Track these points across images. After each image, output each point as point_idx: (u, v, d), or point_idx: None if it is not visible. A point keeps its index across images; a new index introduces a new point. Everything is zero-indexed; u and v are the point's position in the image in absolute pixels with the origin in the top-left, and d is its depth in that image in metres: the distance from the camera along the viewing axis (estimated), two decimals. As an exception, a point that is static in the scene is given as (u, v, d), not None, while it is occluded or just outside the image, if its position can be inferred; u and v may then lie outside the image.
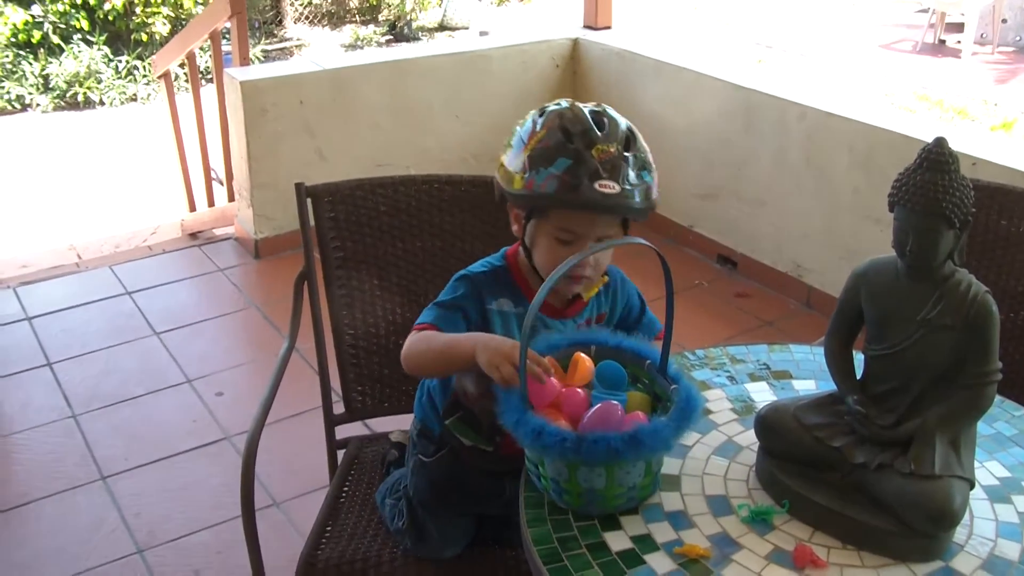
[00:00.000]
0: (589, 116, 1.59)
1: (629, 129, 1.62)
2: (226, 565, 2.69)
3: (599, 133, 1.57)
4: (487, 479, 1.75)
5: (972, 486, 1.40)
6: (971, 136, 3.67)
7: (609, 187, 1.54)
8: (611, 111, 1.63)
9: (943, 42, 11.30)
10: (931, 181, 1.34)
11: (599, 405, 1.44)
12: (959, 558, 1.37)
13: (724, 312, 4.07)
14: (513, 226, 1.72)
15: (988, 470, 1.56)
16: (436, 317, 1.66)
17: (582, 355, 1.52)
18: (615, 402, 1.45)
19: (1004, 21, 11.09)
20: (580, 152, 1.55)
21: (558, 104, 1.64)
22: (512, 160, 1.62)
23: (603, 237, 1.62)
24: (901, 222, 1.38)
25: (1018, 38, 11.24)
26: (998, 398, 1.70)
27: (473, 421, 1.68)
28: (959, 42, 10.90)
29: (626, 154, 1.57)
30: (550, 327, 1.69)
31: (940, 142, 1.36)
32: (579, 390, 1.47)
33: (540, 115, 1.63)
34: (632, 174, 1.57)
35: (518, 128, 1.65)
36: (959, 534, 1.40)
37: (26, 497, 2.97)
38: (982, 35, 10.95)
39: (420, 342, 1.63)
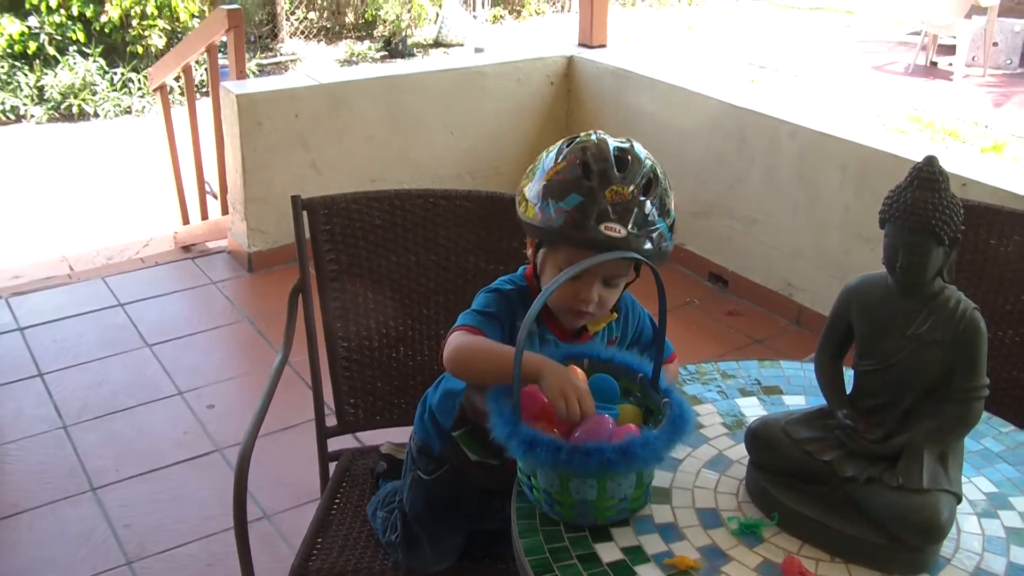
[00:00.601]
0: (613, 153, 1.56)
1: (653, 171, 1.58)
2: (216, 577, 2.69)
3: (617, 173, 1.54)
4: (484, 496, 1.75)
5: (959, 500, 1.41)
6: (962, 157, 3.71)
7: (615, 230, 1.51)
8: (639, 149, 1.60)
9: (935, 64, 11.39)
10: (921, 198, 1.36)
11: (591, 418, 1.44)
12: (946, 571, 1.38)
13: (715, 330, 4.09)
14: (528, 249, 1.70)
15: (975, 485, 1.58)
16: (480, 323, 1.62)
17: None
18: (607, 416, 1.46)
19: (995, 44, 11.17)
20: (593, 191, 1.52)
21: (588, 135, 1.60)
22: (531, 187, 1.60)
23: (609, 276, 1.60)
24: (891, 238, 1.39)
25: (1009, 61, 11.32)
26: (986, 415, 1.72)
27: (480, 436, 1.67)
28: (951, 64, 10.99)
29: (641, 198, 1.54)
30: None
31: (931, 160, 1.38)
32: (607, 417, 1.48)
33: (567, 144, 1.60)
34: (645, 219, 1.53)
35: (544, 155, 1.63)
36: (946, 548, 1.41)
37: (16, 508, 2.97)
38: (973, 58, 11.04)
39: (477, 343, 1.57)
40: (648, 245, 1.54)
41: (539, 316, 1.64)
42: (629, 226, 1.51)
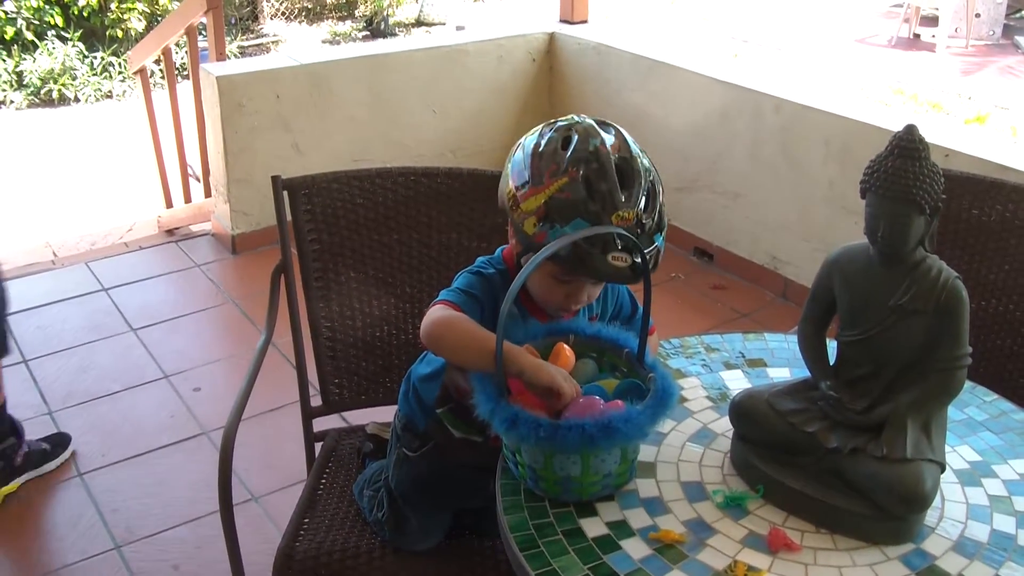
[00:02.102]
0: (615, 164, 1.51)
1: (651, 182, 1.54)
2: (204, 560, 2.69)
3: (621, 197, 1.49)
4: (471, 474, 1.75)
5: (943, 469, 1.42)
6: (945, 128, 3.71)
7: (621, 260, 1.47)
8: (634, 148, 1.55)
9: (918, 36, 11.39)
10: (902, 168, 1.36)
11: (582, 399, 1.44)
12: (930, 540, 1.39)
13: (701, 304, 4.09)
14: (511, 240, 1.66)
15: (959, 454, 1.58)
16: (463, 302, 1.60)
17: (564, 345, 1.52)
18: (597, 397, 1.46)
19: (978, 15, 11.17)
20: (599, 216, 1.48)
21: (586, 140, 1.52)
22: (523, 185, 1.53)
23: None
24: (872, 208, 1.39)
25: (991, 32, 11.32)
26: (969, 384, 1.73)
27: (463, 413, 1.67)
28: (934, 36, 10.99)
29: (646, 221, 1.50)
30: None
31: (910, 129, 1.38)
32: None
33: (563, 147, 1.52)
34: (647, 241, 1.50)
35: (535, 141, 1.56)
36: (930, 517, 1.42)
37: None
38: (956, 29, 11.04)
39: (457, 320, 1.55)
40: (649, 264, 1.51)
41: (518, 300, 1.62)
42: (633, 254, 1.48)
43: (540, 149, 1.54)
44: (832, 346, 1.54)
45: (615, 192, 1.49)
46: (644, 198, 1.52)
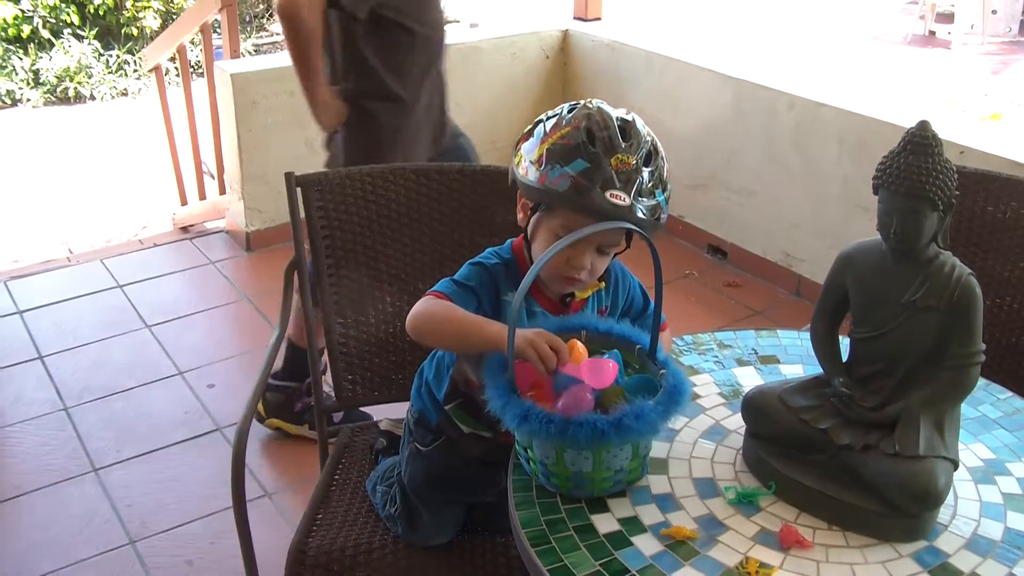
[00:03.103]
0: (616, 123, 1.56)
1: (653, 144, 1.58)
2: (218, 555, 2.70)
3: (622, 143, 1.54)
4: (482, 468, 1.76)
5: (956, 467, 1.41)
6: (960, 125, 3.69)
7: (620, 198, 1.51)
8: (639, 123, 1.59)
9: (933, 33, 11.34)
10: (914, 164, 1.35)
11: (571, 388, 1.44)
12: (943, 538, 1.38)
13: (714, 302, 4.08)
14: (519, 214, 1.69)
15: (973, 452, 1.58)
16: (453, 292, 1.63)
17: (576, 341, 1.52)
18: (586, 384, 1.45)
19: (994, 12, 11.12)
20: (599, 157, 1.52)
21: (590, 103, 1.60)
22: (530, 148, 1.59)
23: (604, 245, 1.60)
24: (885, 204, 1.39)
25: (1008, 29, 11.27)
26: (983, 381, 1.73)
27: (472, 408, 1.69)
28: (949, 33, 10.95)
29: (644, 169, 1.54)
30: None
31: (923, 125, 1.37)
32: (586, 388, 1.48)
33: (570, 111, 1.59)
34: (646, 189, 1.54)
35: (544, 117, 1.62)
36: (943, 514, 1.41)
37: (19, 489, 2.97)
38: (972, 26, 10.99)
39: (439, 309, 1.59)
40: (647, 215, 1.54)
41: (533, 290, 1.64)
42: (632, 195, 1.52)
43: (551, 117, 1.61)
44: (845, 343, 1.54)
45: (615, 137, 1.53)
46: (645, 152, 1.56)
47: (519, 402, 1.38)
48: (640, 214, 1.53)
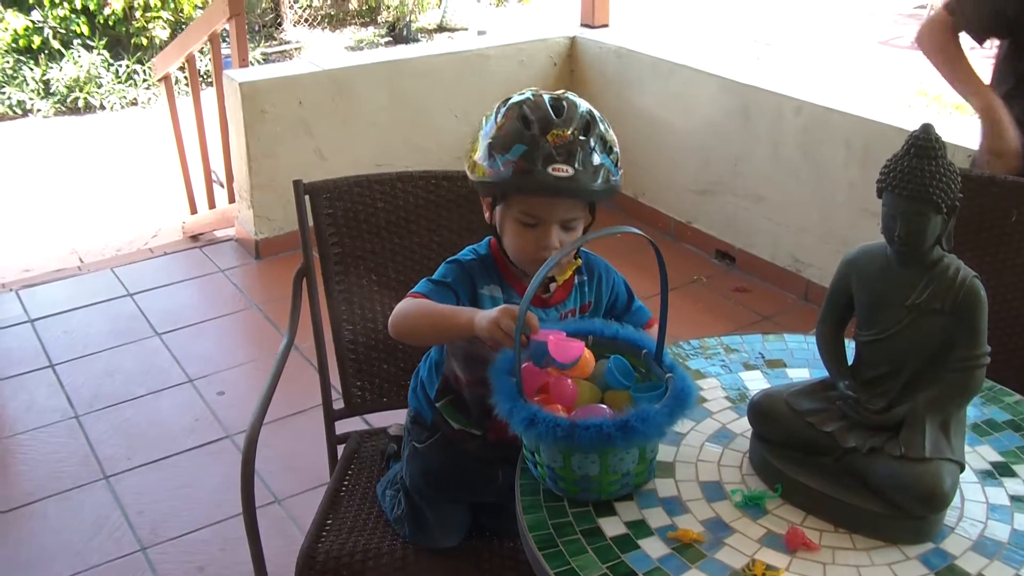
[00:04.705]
0: (548, 103, 1.62)
1: (590, 113, 1.64)
2: (228, 561, 2.71)
3: (555, 118, 1.60)
4: (478, 465, 1.78)
5: (962, 468, 1.42)
6: (967, 130, 3.67)
7: (563, 171, 1.56)
8: (572, 96, 1.66)
9: (942, 38, 11.30)
10: (918, 167, 1.36)
11: (590, 407, 1.46)
12: (950, 540, 1.38)
13: (722, 307, 4.09)
14: (485, 213, 1.76)
15: (980, 454, 1.58)
16: (430, 290, 1.70)
17: (585, 348, 1.53)
18: (602, 406, 1.47)
19: (1003, 16, 11.08)
20: (535, 138, 1.58)
21: (521, 94, 1.67)
22: (479, 151, 1.67)
23: (566, 220, 1.65)
24: (889, 208, 1.40)
25: (1017, 33, 11.23)
26: (990, 383, 1.73)
27: (462, 405, 1.72)
28: (958, 38, 10.90)
29: (582, 138, 1.59)
30: None
31: (927, 128, 1.38)
32: (569, 381, 1.49)
33: (503, 105, 1.67)
34: (590, 157, 1.59)
35: (484, 120, 1.69)
36: (950, 516, 1.41)
37: (30, 497, 2.99)
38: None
39: (414, 307, 1.67)
40: (597, 183, 1.60)
41: (503, 281, 1.73)
42: (576, 165, 1.57)
43: (489, 118, 1.68)
44: (850, 346, 1.55)
45: (548, 115, 1.59)
46: (582, 122, 1.61)
47: (526, 406, 1.39)
48: (587, 182, 1.58)
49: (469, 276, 1.72)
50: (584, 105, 1.65)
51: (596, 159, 1.60)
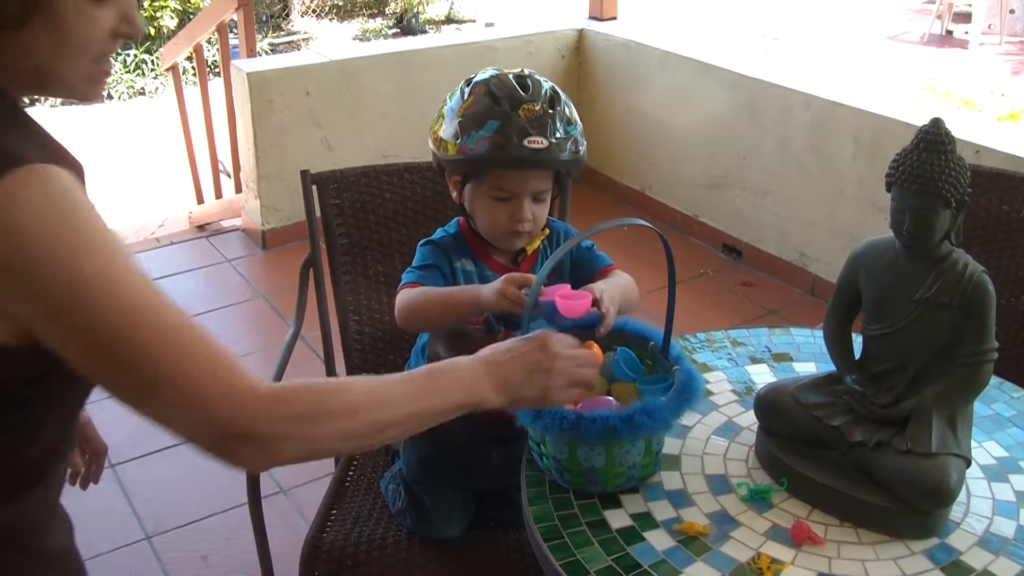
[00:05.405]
0: (513, 80, 1.66)
1: (553, 89, 1.69)
2: (233, 550, 2.72)
3: (524, 94, 1.64)
4: (471, 449, 1.79)
5: (968, 464, 1.42)
6: (976, 125, 3.68)
7: (538, 142, 1.61)
8: (535, 75, 1.71)
9: (950, 33, 11.28)
10: (927, 161, 1.36)
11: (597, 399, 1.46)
12: (955, 535, 1.39)
13: (729, 301, 4.08)
14: (453, 193, 1.78)
15: (986, 450, 1.58)
16: (419, 277, 1.73)
17: (593, 343, 1.53)
18: (609, 398, 1.48)
19: (1012, 11, 11.06)
20: (507, 113, 1.62)
21: (484, 72, 1.71)
22: (445, 129, 1.70)
23: (537, 192, 1.69)
24: (898, 202, 1.39)
25: (1026, 28, 11.21)
26: (997, 379, 1.73)
27: None
28: (967, 33, 10.89)
29: (551, 111, 1.63)
30: None
31: (936, 123, 1.38)
32: None
33: (467, 85, 1.70)
34: (559, 129, 1.63)
35: (448, 99, 1.73)
36: (956, 512, 1.41)
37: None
38: (989, 25, 10.93)
39: (417, 296, 1.69)
40: (566, 154, 1.64)
41: (474, 255, 1.77)
42: (549, 137, 1.61)
43: (454, 96, 1.72)
44: (858, 340, 1.54)
45: (515, 92, 1.64)
46: (547, 97, 1.65)
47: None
48: (559, 153, 1.62)
49: (444, 252, 1.77)
50: (547, 83, 1.70)
51: (565, 131, 1.64)
